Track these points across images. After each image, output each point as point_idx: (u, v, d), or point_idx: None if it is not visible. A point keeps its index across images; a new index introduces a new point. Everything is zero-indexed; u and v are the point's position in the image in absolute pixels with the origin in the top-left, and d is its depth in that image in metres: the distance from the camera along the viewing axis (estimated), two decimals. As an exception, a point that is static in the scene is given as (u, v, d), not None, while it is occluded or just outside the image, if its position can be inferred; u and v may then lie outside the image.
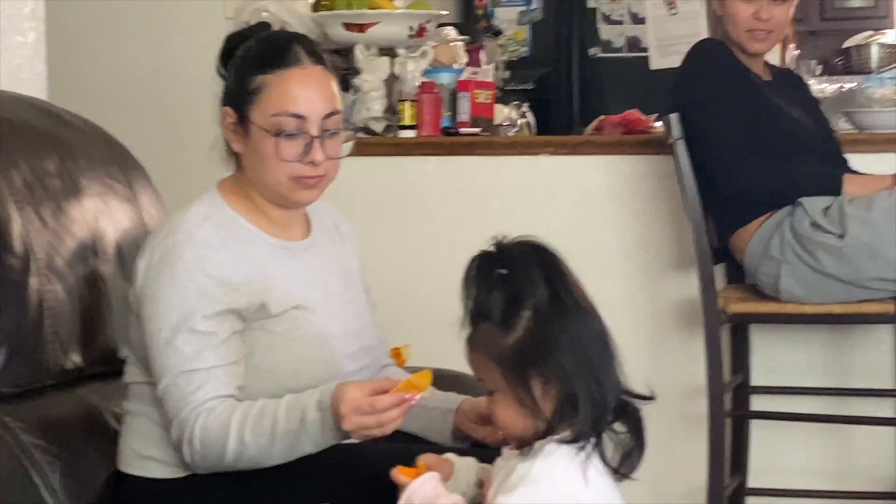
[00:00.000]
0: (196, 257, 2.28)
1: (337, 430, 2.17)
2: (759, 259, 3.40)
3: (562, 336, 1.92)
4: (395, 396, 2.11)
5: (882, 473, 3.68)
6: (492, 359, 1.96)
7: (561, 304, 1.93)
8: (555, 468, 1.91)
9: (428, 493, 2.02)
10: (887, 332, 3.65)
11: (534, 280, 1.93)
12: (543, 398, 1.93)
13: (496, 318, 1.94)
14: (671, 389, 3.81)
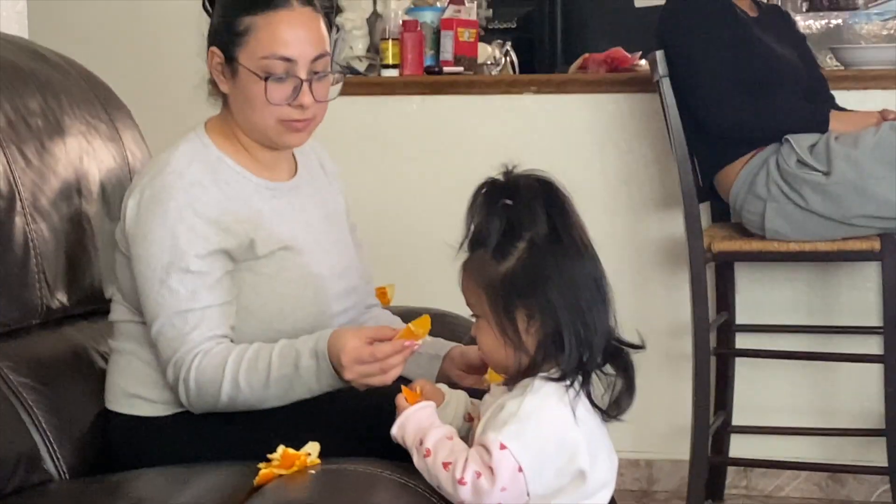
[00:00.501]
0: (186, 197, 2.27)
1: (333, 378, 2.17)
2: (744, 197, 3.41)
3: (553, 273, 1.93)
4: (396, 345, 2.12)
5: (867, 410, 3.71)
6: (480, 285, 1.97)
7: (557, 242, 1.94)
8: (544, 405, 1.92)
9: (422, 420, 2.03)
10: (872, 270, 3.66)
11: (535, 213, 1.93)
12: (527, 332, 1.94)
13: (491, 245, 1.95)
14: (656, 328, 3.83)
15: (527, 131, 3.89)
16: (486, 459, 1.91)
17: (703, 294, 3.42)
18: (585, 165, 3.82)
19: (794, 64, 3.52)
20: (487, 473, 1.90)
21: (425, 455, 1.97)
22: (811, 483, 3.78)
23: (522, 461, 1.90)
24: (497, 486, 1.90)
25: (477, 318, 2.00)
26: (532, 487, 1.92)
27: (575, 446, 1.92)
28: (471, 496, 1.92)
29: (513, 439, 1.90)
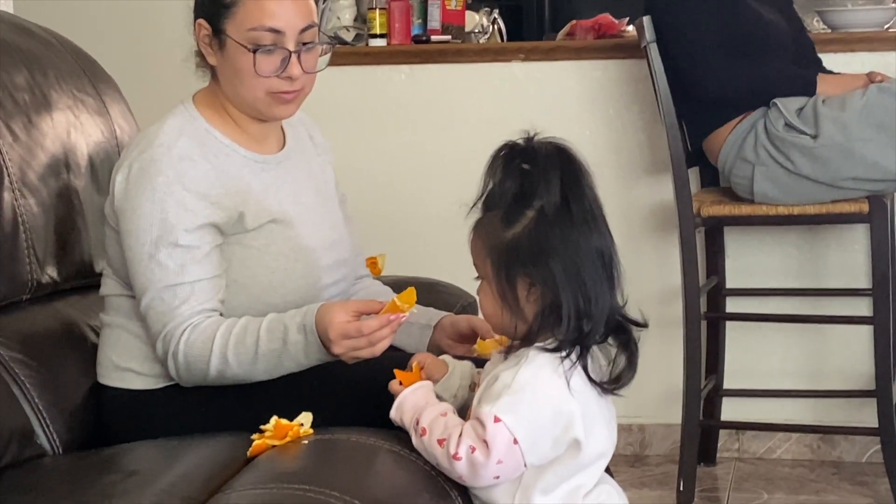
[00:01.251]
0: (175, 171, 2.27)
1: (322, 353, 2.18)
2: (732, 161, 3.41)
3: (558, 244, 1.92)
4: (382, 319, 2.12)
5: (857, 371, 3.72)
6: (486, 248, 1.96)
7: (567, 213, 1.92)
8: (538, 376, 1.92)
9: (418, 400, 2.04)
10: (861, 232, 3.67)
11: (549, 182, 1.92)
12: (527, 299, 1.94)
13: (502, 209, 1.94)
14: (646, 293, 3.83)
15: (515, 99, 3.89)
16: (480, 433, 1.91)
17: (692, 259, 3.43)
18: (574, 132, 3.78)
19: (781, 27, 3.52)
20: (482, 447, 1.91)
21: (421, 434, 1.98)
22: (802, 445, 3.80)
23: (517, 433, 1.90)
24: (492, 459, 1.90)
25: (480, 279, 2.00)
26: (529, 459, 1.92)
27: (570, 416, 1.92)
28: (467, 470, 1.93)
29: (507, 412, 1.90)
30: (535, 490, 1.95)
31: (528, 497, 1.96)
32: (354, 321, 2.13)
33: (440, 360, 2.17)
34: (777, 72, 3.40)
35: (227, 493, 1.89)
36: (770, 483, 3.60)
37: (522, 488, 1.96)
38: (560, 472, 1.96)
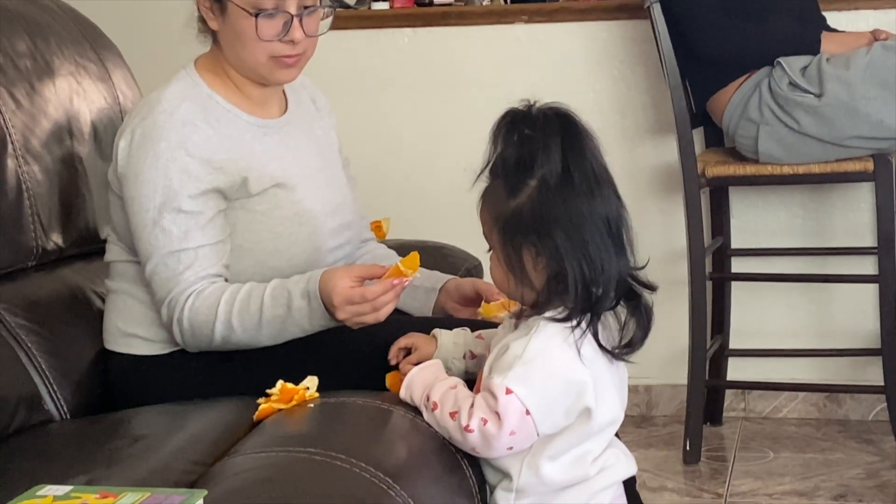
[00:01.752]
0: (178, 137, 2.27)
1: (325, 318, 2.18)
2: (737, 121, 3.40)
3: (560, 213, 1.90)
4: (385, 284, 2.12)
5: (863, 330, 3.72)
6: (492, 216, 1.96)
7: (569, 181, 1.91)
8: (549, 346, 1.92)
9: (427, 377, 2.04)
10: (866, 191, 3.67)
11: (549, 150, 1.90)
12: (535, 268, 1.94)
13: (505, 178, 1.94)
14: (651, 254, 3.78)
15: (519, 61, 3.88)
16: (492, 405, 1.91)
17: (697, 219, 3.42)
18: (578, 94, 3.81)
19: (785, -15, 3.51)
20: (494, 419, 1.91)
21: (433, 409, 1.98)
22: (808, 404, 3.81)
23: (529, 404, 1.90)
24: (505, 430, 1.90)
25: (490, 250, 2.00)
26: (541, 429, 1.93)
27: (581, 386, 1.92)
28: (480, 442, 1.93)
29: (518, 383, 1.90)
30: (542, 457, 1.96)
31: (536, 462, 1.96)
32: (358, 287, 2.13)
33: (428, 337, 2.17)
34: (781, 30, 3.39)
35: (233, 456, 1.90)
36: (776, 442, 3.61)
37: (531, 455, 1.96)
38: (569, 440, 1.96)
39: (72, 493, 1.53)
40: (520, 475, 1.97)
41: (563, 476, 1.97)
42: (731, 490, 3.24)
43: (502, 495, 2.00)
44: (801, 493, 3.19)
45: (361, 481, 1.78)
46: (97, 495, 1.52)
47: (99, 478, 1.84)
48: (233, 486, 1.77)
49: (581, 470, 1.98)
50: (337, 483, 1.78)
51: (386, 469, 1.82)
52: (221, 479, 1.80)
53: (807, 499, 3.15)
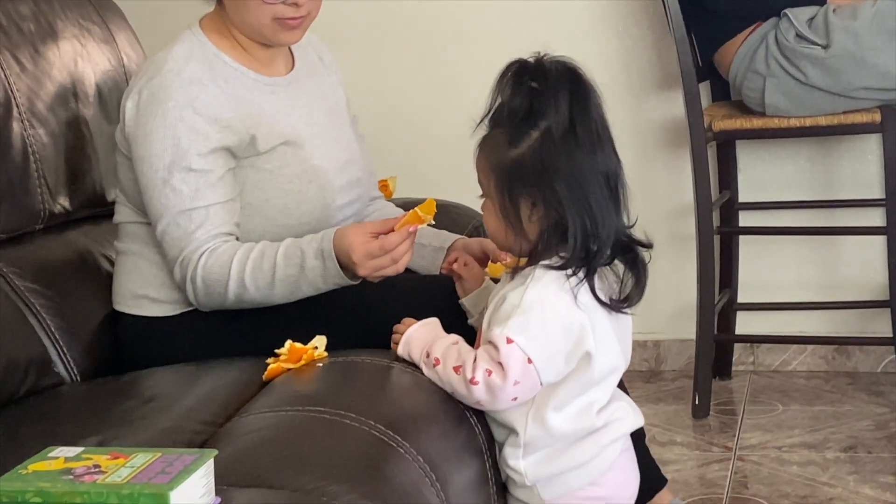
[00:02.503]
0: (185, 96, 2.27)
1: (340, 277, 2.18)
2: (743, 74, 3.39)
3: (563, 165, 1.91)
4: (402, 233, 2.12)
5: (871, 282, 3.72)
6: (491, 166, 1.96)
7: (573, 135, 1.92)
8: (546, 294, 1.93)
9: (425, 335, 2.05)
10: (874, 142, 3.66)
11: (558, 102, 1.91)
12: (529, 219, 1.95)
13: (507, 128, 1.94)
14: (659, 209, 3.83)
15: (524, 17, 3.86)
16: (494, 356, 1.92)
17: (704, 173, 3.42)
18: (583, 49, 3.79)
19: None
20: (498, 370, 1.92)
21: (435, 364, 1.99)
22: (817, 356, 3.81)
23: (531, 352, 1.91)
24: (509, 380, 1.91)
25: (484, 196, 2.01)
26: (544, 377, 1.94)
27: (580, 330, 1.94)
28: (485, 394, 1.94)
29: (518, 332, 1.91)
30: (547, 407, 1.96)
31: (541, 414, 1.97)
32: (375, 240, 2.14)
33: (480, 271, 2.18)
34: (787, -19, 3.37)
35: (243, 416, 1.91)
36: (785, 395, 3.61)
37: (535, 407, 1.97)
38: (572, 389, 1.97)
39: (83, 455, 1.54)
40: (526, 429, 1.98)
41: (570, 427, 1.98)
42: (741, 443, 3.24)
43: (511, 452, 2.01)
44: (811, 446, 3.20)
45: (371, 439, 1.79)
46: (108, 456, 1.53)
47: (110, 439, 1.85)
48: (243, 445, 1.77)
49: (587, 421, 1.99)
50: (347, 441, 1.79)
51: (395, 426, 1.83)
52: (232, 438, 1.81)
53: (816, 451, 3.16)
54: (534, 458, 2.00)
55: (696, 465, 3.12)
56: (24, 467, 1.51)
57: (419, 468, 1.77)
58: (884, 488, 2.90)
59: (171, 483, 1.44)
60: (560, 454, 1.99)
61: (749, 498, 2.90)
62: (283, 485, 1.63)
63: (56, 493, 1.44)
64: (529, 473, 2.00)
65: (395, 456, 1.77)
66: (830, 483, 2.96)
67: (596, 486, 2.02)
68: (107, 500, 1.43)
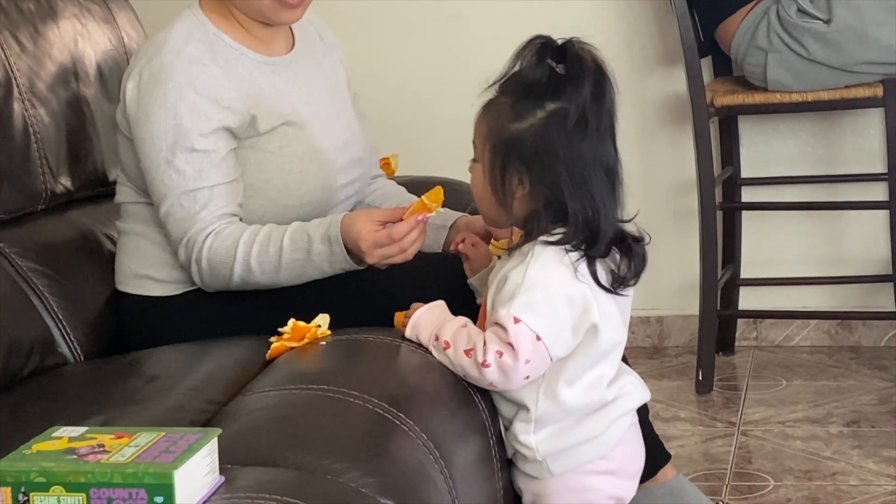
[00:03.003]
0: (186, 76, 2.26)
1: (346, 263, 2.18)
2: (745, 49, 3.38)
3: (565, 151, 1.92)
4: (410, 222, 2.12)
5: (874, 256, 3.72)
6: (489, 131, 1.96)
7: (584, 125, 1.92)
8: (547, 269, 1.93)
9: (434, 318, 2.05)
10: (876, 116, 3.65)
11: (580, 91, 1.91)
12: (515, 195, 1.95)
13: (515, 99, 1.94)
14: (662, 185, 3.83)
15: (525, -7, 3.86)
16: (503, 337, 1.92)
17: (707, 149, 3.41)
18: (584, 25, 3.77)
19: None
20: (508, 350, 1.92)
21: (445, 348, 1.99)
22: (821, 331, 3.81)
23: (539, 330, 1.91)
24: (520, 360, 1.91)
25: (475, 160, 2.01)
26: (554, 352, 1.94)
27: (584, 302, 1.94)
28: (498, 376, 1.94)
29: (525, 311, 1.91)
30: (559, 382, 1.97)
31: (552, 390, 1.97)
32: (383, 230, 2.13)
33: (487, 251, 2.19)
34: (788, -45, 3.36)
35: (247, 395, 1.91)
36: (788, 370, 3.61)
37: (546, 382, 1.97)
38: (581, 362, 1.97)
39: (87, 434, 1.54)
40: (537, 404, 1.98)
41: (581, 400, 1.99)
42: (744, 419, 3.25)
43: (521, 427, 2.01)
44: (814, 420, 3.20)
45: (375, 417, 1.79)
46: (112, 436, 1.53)
47: (114, 418, 1.86)
48: (247, 424, 1.78)
49: (598, 394, 2.00)
50: (351, 419, 1.79)
51: (399, 404, 1.83)
52: (236, 417, 1.82)
53: (820, 426, 3.16)
54: (545, 433, 2.00)
55: (699, 441, 3.12)
56: (28, 447, 1.51)
57: (423, 445, 1.78)
58: (887, 462, 2.91)
59: (175, 462, 1.45)
60: (571, 429, 2.00)
61: (753, 473, 2.90)
62: (287, 463, 1.63)
63: (60, 473, 1.44)
64: (540, 448, 2.01)
65: (398, 433, 1.77)
66: (834, 457, 2.96)
67: (605, 460, 2.03)
68: (111, 480, 1.43)
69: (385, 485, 1.62)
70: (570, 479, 2.02)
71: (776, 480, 2.85)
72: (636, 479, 2.11)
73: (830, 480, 2.83)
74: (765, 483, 2.84)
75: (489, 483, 1.97)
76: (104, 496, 1.43)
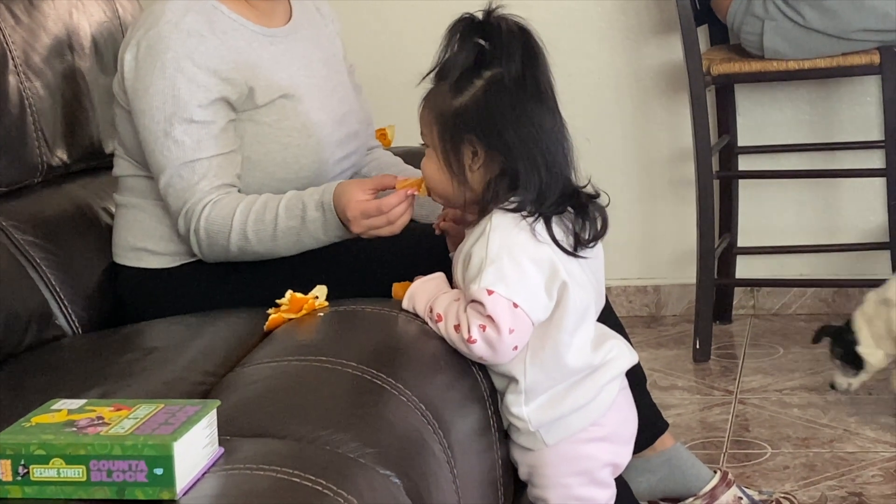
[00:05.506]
0: (184, 47, 2.25)
1: (340, 230, 2.18)
2: (741, 17, 3.37)
3: (509, 113, 1.94)
4: (400, 195, 2.12)
5: (871, 224, 3.72)
6: (433, 116, 1.99)
7: (522, 87, 1.94)
8: (508, 236, 1.94)
9: (430, 289, 2.05)
10: (872, 84, 3.64)
11: (511, 53, 1.94)
12: (471, 168, 1.97)
13: (452, 79, 1.96)
14: (658, 154, 3.82)
15: (520, -38, 3.84)
16: (482, 311, 1.92)
17: (703, 118, 3.41)
18: (581, -6, 3.78)
19: None
20: (490, 323, 1.92)
21: (437, 320, 2.00)
22: (818, 299, 3.81)
23: (514, 297, 1.92)
24: (503, 330, 1.92)
25: (426, 147, 2.02)
26: (534, 316, 1.94)
27: (550, 261, 1.95)
28: (486, 349, 1.94)
29: (496, 282, 1.92)
30: (544, 350, 1.98)
31: (539, 359, 1.98)
32: (373, 200, 2.13)
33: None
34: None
35: (245, 366, 1.92)
36: (786, 338, 3.62)
37: (531, 351, 1.98)
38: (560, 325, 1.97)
39: (86, 407, 1.54)
40: (525, 375, 1.99)
41: (574, 363, 2.00)
42: (742, 387, 3.26)
43: (513, 399, 2.02)
44: (811, 389, 3.21)
45: (373, 387, 1.79)
46: (111, 408, 1.53)
47: (113, 391, 1.86)
48: (245, 395, 1.78)
49: (584, 358, 2.01)
50: (349, 390, 1.79)
51: (398, 375, 1.83)
52: (234, 389, 1.82)
53: (817, 394, 3.17)
54: (536, 404, 2.01)
55: (697, 409, 3.13)
56: (27, 420, 1.51)
57: (422, 416, 1.78)
58: (884, 429, 2.92)
59: (175, 434, 1.45)
60: (562, 398, 2.01)
61: (751, 441, 2.91)
62: (286, 434, 1.64)
63: (60, 446, 1.45)
64: (533, 419, 2.01)
65: (397, 403, 1.77)
66: (831, 425, 2.97)
67: (598, 427, 2.04)
68: (111, 452, 1.44)
69: (384, 455, 1.63)
70: (565, 448, 2.03)
71: (774, 448, 2.86)
72: (630, 444, 2.12)
73: (828, 447, 2.84)
74: (762, 451, 2.85)
75: (488, 454, 1.97)
76: (104, 468, 1.44)
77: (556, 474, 2.04)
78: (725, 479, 2.41)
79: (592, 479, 2.06)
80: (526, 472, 2.07)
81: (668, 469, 2.39)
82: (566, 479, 2.04)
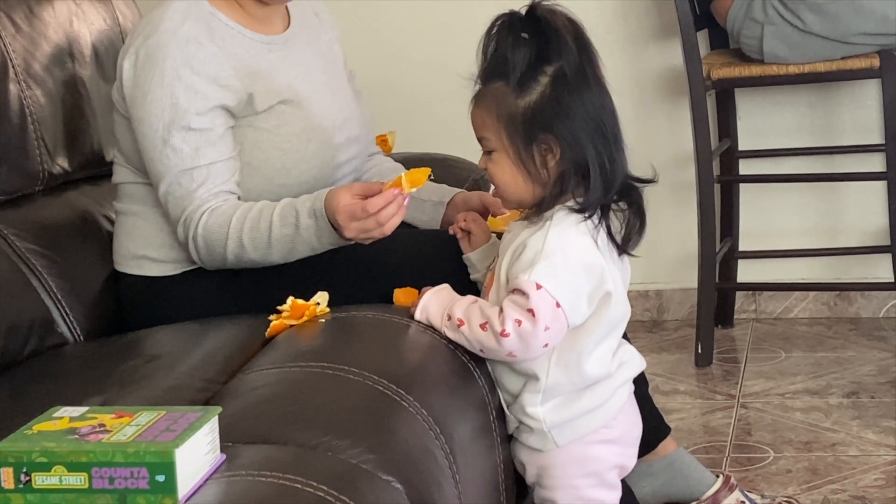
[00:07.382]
0: (182, 55, 2.26)
1: (333, 237, 2.17)
2: (741, 22, 3.38)
3: (577, 106, 1.93)
4: (387, 195, 2.10)
5: (872, 227, 3.72)
6: (499, 118, 1.96)
7: (584, 76, 1.93)
8: (567, 236, 1.94)
9: (443, 298, 2.05)
10: (872, 87, 3.65)
11: (566, 45, 1.92)
12: (545, 165, 1.95)
13: (513, 78, 1.93)
14: (659, 158, 3.78)
15: (520, -33, 3.84)
16: (523, 303, 1.92)
17: (704, 122, 3.41)
18: None
19: None
20: (528, 317, 1.92)
21: (459, 325, 1.99)
22: (819, 303, 3.81)
23: (559, 296, 1.92)
24: (539, 326, 1.91)
25: (491, 152, 1.99)
26: (571, 319, 1.95)
27: (600, 271, 1.95)
28: (518, 344, 1.94)
29: (546, 277, 1.91)
30: (571, 353, 1.99)
31: (565, 361, 1.99)
32: (360, 202, 2.12)
33: (486, 227, 2.19)
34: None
35: (247, 373, 1.92)
36: (788, 342, 3.62)
37: (558, 352, 1.98)
38: (593, 332, 1.99)
39: (88, 414, 1.54)
40: (548, 374, 1.99)
41: (601, 371, 2.01)
42: (744, 391, 3.26)
43: (529, 398, 2.01)
44: (814, 392, 3.21)
45: (375, 393, 1.79)
46: (113, 415, 1.53)
47: (114, 398, 1.86)
48: (247, 402, 1.78)
49: (606, 366, 2.02)
50: (350, 396, 1.79)
51: (399, 381, 1.83)
52: (236, 395, 1.82)
53: (819, 397, 3.17)
54: (551, 405, 2.01)
55: (699, 414, 3.13)
56: (28, 428, 1.51)
57: (423, 421, 1.78)
58: (887, 433, 2.92)
59: (177, 440, 1.45)
60: (576, 399, 2.01)
61: (753, 445, 2.91)
62: (287, 440, 1.64)
63: (62, 453, 1.45)
64: (547, 419, 2.02)
65: (399, 410, 1.77)
66: (833, 429, 2.97)
67: (608, 429, 2.05)
68: (112, 459, 1.44)
69: (386, 461, 1.63)
70: (575, 449, 2.04)
71: (776, 452, 2.86)
72: (636, 446, 2.13)
73: (830, 451, 2.84)
74: (765, 455, 2.85)
75: (489, 457, 1.97)
76: (106, 475, 1.44)
77: (565, 475, 2.05)
78: (728, 484, 2.41)
79: (601, 480, 2.06)
80: (534, 474, 2.07)
81: (671, 473, 2.39)
82: (576, 480, 2.05)
